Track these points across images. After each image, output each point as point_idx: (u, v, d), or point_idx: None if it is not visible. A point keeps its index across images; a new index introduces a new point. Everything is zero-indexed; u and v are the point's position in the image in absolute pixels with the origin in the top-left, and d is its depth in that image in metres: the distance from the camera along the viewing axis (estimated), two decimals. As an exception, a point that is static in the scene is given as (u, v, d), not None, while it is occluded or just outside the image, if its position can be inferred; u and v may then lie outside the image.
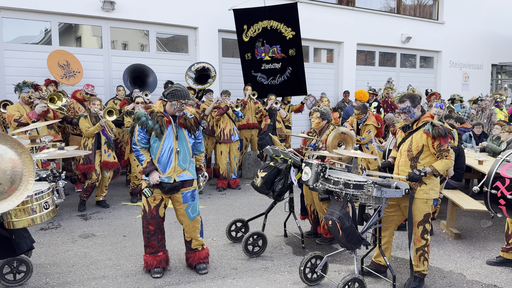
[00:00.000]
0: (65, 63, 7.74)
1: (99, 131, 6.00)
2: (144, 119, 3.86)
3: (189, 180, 4.02)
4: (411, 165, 3.71)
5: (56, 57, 7.71)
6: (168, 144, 3.90)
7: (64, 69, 7.69)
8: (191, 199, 4.04)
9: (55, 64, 7.63)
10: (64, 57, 7.79)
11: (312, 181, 3.85)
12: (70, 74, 7.71)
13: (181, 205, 4.02)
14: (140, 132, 3.88)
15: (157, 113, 3.90)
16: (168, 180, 3.89)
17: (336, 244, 4.89)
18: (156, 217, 3.98)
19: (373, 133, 6.53)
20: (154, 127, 3.84)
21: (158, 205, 3.98)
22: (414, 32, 12.80)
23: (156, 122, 3.85)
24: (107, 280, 3.96)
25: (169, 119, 3.92)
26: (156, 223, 3.98)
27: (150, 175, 3.87)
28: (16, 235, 3.37)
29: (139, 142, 3.91)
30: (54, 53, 7.77)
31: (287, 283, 3.94)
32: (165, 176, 3.90)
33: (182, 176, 3.97)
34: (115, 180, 7.84)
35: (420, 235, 3.71)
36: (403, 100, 3.73)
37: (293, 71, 9.23)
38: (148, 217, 3.97)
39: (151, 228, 3.98)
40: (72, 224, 5.57)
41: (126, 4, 8.58)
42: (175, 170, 3.92)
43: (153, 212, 3.96)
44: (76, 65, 7.88)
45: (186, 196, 4.01)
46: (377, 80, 12.01)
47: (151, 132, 3.86)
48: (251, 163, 8.49)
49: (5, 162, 2.57)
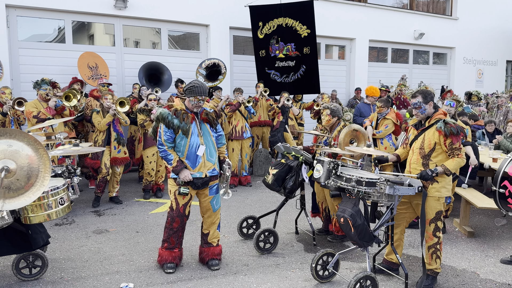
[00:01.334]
0: (94, 65, 7.90)
1: (110, 127, 6.07)
2: (170, 118, 3.89)
3: (216, 175, 4.11)
4: (423, 163, 3.68)
5: (87, 58, 7.91)
6: (195, 141, 3.94)
7: (92, 71, 7.85)
8: (216, 192, 4.14)
9: (84, 64, 7.82)
10: (94, 59, 7.98)
11: (323, 178, 3.85)
12: (97, 77, 7.85)
13: (207, 197, 4.09)
14: (166, 132, 3.90)
15: (181, 111, 3.94)
16: (200, 176, 3.95)
17: (347, 241, 4.88)
18: (182, 216, 4.03)
19: (391, 129, 6.44)
20: (180, 125, 3.88)
21: (186, 204, 4.03)
22: (427, 28, 12.65)
23: (182, 120, 3.89)
24: (120, 275, 4.01)
25: (193, 115, 3.97)
26: (180, 221, 4.03)
27: (181, 173, 3.90)
28: (32, 230, 3.44)
29: (166, 142, 3.92)
30: (85, 54, 7.97)
31: (298, 280, 3.95)
32: (197, 172, 3.95)
33: (213, 171, 4.05)
34: (127, 177, 7.94)
35: (432, 232, 3.68)
36: (416, 95, 3.71)
37: (307, 69, 9.20)
38: (174, 215, 4.01)
39: (174, 226, 4.02)
40: (86, 220, 5.65)
41: (138, 2, 8.64)
42: (205, 165, 3.97)
43: (180, 210, 4.01)
44: (104, 69, 8.05)
45: (212, 188, 4.11)
46: (390, 77, 11.91)
47: (178, 131, 3.90)
48: (262, 160, 8.50)
49: (22, 158, 2.62)
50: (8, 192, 2.62)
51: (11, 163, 2.59)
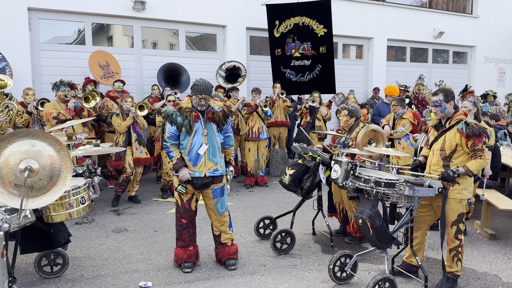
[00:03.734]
0: (105, 63, 7.98)
1: (129, 128, 6.16)
2: (174, 116, 3.93)
3: (219, 176, 4.08)
4: (444, 165, 3.61)
5: (97, 57, 7.96)
6: (198, 139, 3.95)
7: (104, 70, 7.93)
8: (220, 195, 4.10)
9: (96, 64, 7.89)
10: (105, 58, 8.04)
11: (341, 179, 3.83)
12: (109, 75, 7.94)
13: (211, 199, 4.09)
14: (170, 129, 3.95)
15: (186, 109, 3.97)
16: (199, 175, 3.95)
17: (365, 243, 4.83)
18: (189, 211, 4.06)
19: (408, 129, 6.34)
20: (183, 123, 3.90)
21: (190, 199, 4.05)
22: (447, 27, 12.43)
23: (185, 118, 3.91)
24: (139, 274, 4.06)
25: (197, 114, 3.97)
26: (188, 217, 4.06)
27: (180, 171, 3.93)
28: (54, 228, 3.50)
29: (169, 139, 3.98)
30: (95, 53, 8.02)
31: (316, 281, 3.93)
32: (196, 171, 3.96)
33: (214, 171, 4.02)
34: (146, 177, 8.02)
35: (454, 235, 3.61)
36: (437, 93, 3.65)
37: (323, 68, 9.15)
38: (181, 211, 4.05)
39: (183, 221, 4.06)
40: (105, 219, 5.74)
41: (156, 3, 8.73)
42: (205, 164, 3.97)
43: (186, 206, 4.05)
44: (115, 66, 8.12)
45: (216, 191, 4.08)
46: (408, 76, 11.75)
47: (181, 128, 3.92)
48: (278, 161, 8.49)
49: (44, 158, 2.67)
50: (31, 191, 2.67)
51: (34, 163, 2.65)
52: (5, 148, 2.63)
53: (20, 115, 6.22)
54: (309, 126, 8.27)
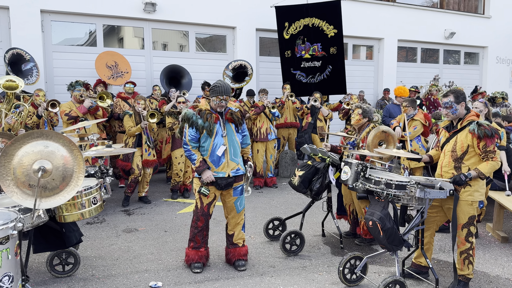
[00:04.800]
0: (113, 63, 8.02)
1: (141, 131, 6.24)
2: (194, 118, 3.95)
3: (240, 175, 4.13)
4: (455, 166, 3.58)
5: (105, 58, 7.99)
6: (219, 140, 3.98)
7: (112, 70, 7.97)
8: (240, 193, 4.16)
9: (102, 65, 7.93)
10: (113, 58, 8.06)
11: (351, 180, 3.82)
12: (117, 75, 7.98)
13: (231, 197, 4.12)
14: (191, 132, 3.97)
15: (205, 111, 3.99)
16: (223, 175, 3.98)
17: (375, 245, 4.81)
18: (206, 215, 4.08)
19: (420, 130, 6.29)
20: (204, 125, 3.93)
21: (210, 203, 4.08)
22: (458, 27, 12.32)
23: (206, 120, 3.93)
24: (149, 273, 4.09)
25: (217, 115, 4.01)
26: (205, 220, 4.09)
27: (204, 173, 3.95)
28: (66, 228, 3.55)
29: (190, 142, 3.99)
30: (102, 54, 8.06)
31: (325, 283, 3.92)
32: (219, 172, 3.98)
33: (237, 171, 4.06)
34: (156, 177, 8.08)
35: (465, 238, 3.58)
36: (447, 94, 3.62)
37: (333, 69, 9.12)
38: (199, 214, 4.07)
39: (199, 224, 4.08)
40: (116, 219, 5.79)
41: (166, 5, 8.79)
42: (228, 165, 4.01)
43: (205, 209, 4.07)
44: (125, 65, 8.14)
45: (237, 190, 4.13)
46: (419, 77, 11.67)
47: (202, 130, 3.95)
48: (287, 162, 8.49)
49: (57, 159, 2.71)
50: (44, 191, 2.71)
51: (47, 163, 2.69)
52: (19, 149, 2.68)
53: (30, 116, 6.31)
54: (310, 127, 8.24)
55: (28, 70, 7.16)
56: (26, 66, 7.21)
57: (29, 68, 7.21)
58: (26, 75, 7.04)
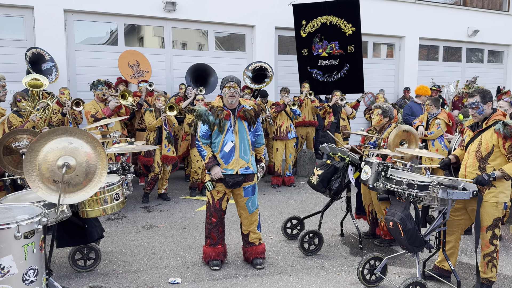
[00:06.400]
0: (135, 63, 8.15)
1: (161, 126, 6.30)
2: (206, 115, 3.99)
3: (251, 175, 4.12)
4: (480, 167, 3.50)
5: (127, 58, 8.13)
6: (229, 137, 4.00)
7: (134, 69, 8.10)
8: (251, 193, 4.14)
9: (125, 64, 8.06)
10: (134, 57, 8.20)
11: (372, 180, 3.77)
12: (139, 74, 8.10)
13: (242, 198, 4.12)
14: (202, 128, 4.01)
15: (217, 107, 4.02)
16: (231, 172, 3.99)
17: (395, 246, 4.75)
18: (219, 210, 4.10)
19: (443, 130, 6.16)
20: (215, 121, 3.95)
21: (221, 199, 4.09)
22: (482, 25, 12.03)
23: (217, 117, 3.96)
24: (168, 270, 4.13)
25: (228, 112, 4.01)
26: (218, 216, 4.11)
27: (212, 170, 3.98)
28: (88, 224, 3.61)
29: (201, 138, 4.04)
30: (125, 53, 8.20)
31: (344, 283, 3.89)
32: (228, 168, 3.99)
33: (246, 169, 4.05)
34: (175, 175, 8.15)
35: (489, 240, 3.50)
36: (473, 94, 3.53)
37: (351, 68, 9.03)
38: (211, 209, 4.10)
39: (213, 220, 4.10)
40: (136, 215, 5.87)
41: (186, 4, 8.85)
42: (237, 162, 4.01)
43: (216, 205, 4.09)
44: (145, 65, 8.27)
45: (247, 190, 4.11)
46: (441, 76, 11.45)
47: (213, 127, 3.98)
48: (306, 161, 8.45)
49: (81, 155, 2.76)
50: (68, 187, 2.77)
51: (71, 159, 2.74)
52: (45, 145, 2.74)
53: (55, 113, 6.44)
54: (333, 127, 8.17)
55: (47, 70, 7.32)
56: (46, 66, 7.37)
57: (49, 67, 7.37)
58: (46, 74, 7.19)
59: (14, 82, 6.95)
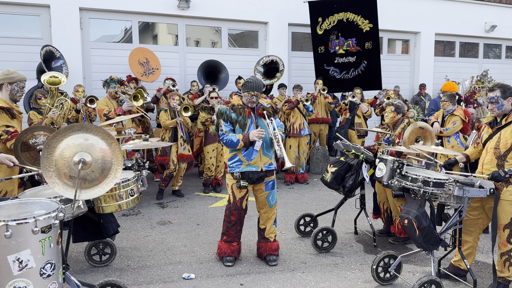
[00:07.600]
0: (144, 60, 8.18)
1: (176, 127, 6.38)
2: (228, 112, 4.01)
3: (272, 170, 4.15)
4: (498, 164, 3.44)
5: (137, 55, 8.15)
6: None
7: (144, 67, 8.13)
8: (272, 188, 4.17)
9: (136, 62, 8.10)
10: (144, 55, 8.22)
11: (386, 178, 3.74)
12: (149, 72, 8.14)
13: (263, 192, 4.14)
14: (226, 126, 4.03)
15: (238, 106, 4.06)
16: (256, 169, 4.00)
17: (410, 244, 4.70)
18: (239, 209, 4.12)
19: (459, 126, 6.06)
20: (237, 119, 3.98)
21: (243, 197, 4.11)
22: (499, 20, 11.78)
23: (239, 114, 3.99)
24: (182, 265, 4.17)
25: (249, 110, 4.05)
26: (238, 215, 4.12)
27: (251, 135, 3.88)
28: (104, 219, 3.66)
29: (226, 131, 4.03)
30: (134, 51, 8.22)
31: (358, 281, 3.87)
32: (252, 165, 4.00)
33: (270, 165, 4.08)
34: (188, 172, 8.20)
35: (506, 239, 3.44)
36: (493, 89, 3.46)
37: (368, 64, 8.95)
38: (232, 208, 4.12)
39: (232, 219, 4.12)
40: (150, 211, 5.93)
41: (200, 1, 8.87)
42: (261, 159, 4.03)
43: (237, 203, 4.10)
44: (155, 62, 8.29)
45: (268, 184, 4.14)
46: (457, 72, 11.27)
47: (235, 125, 4.00)
48: (319, 158, 8.41)
49: (96, 151, 2.79)
50: (84, 182, 2.80)
51: (87, 156, 2.77)
52: (61, 141, 2.77)
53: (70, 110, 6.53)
54: (348, 123, 8.12)
55: (57, 67, 7.39)
56: (56, 63, 7.45)
57: (59, 65, 7.44)
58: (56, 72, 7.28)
59: (30, 79, 7.05)
